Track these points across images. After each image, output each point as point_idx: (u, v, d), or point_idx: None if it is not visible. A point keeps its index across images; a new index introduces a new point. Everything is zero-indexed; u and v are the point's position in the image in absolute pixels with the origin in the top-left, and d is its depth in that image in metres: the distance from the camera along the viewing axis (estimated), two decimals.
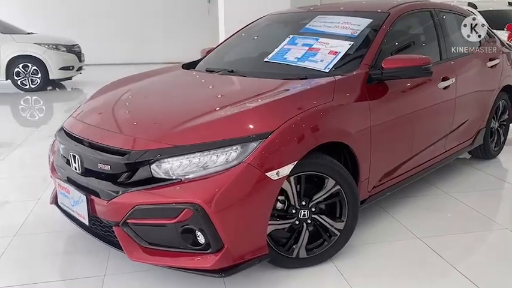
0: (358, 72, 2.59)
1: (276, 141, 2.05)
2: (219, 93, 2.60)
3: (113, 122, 2.36)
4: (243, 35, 3.58)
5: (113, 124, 2.33)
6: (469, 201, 3.22)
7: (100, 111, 2.55)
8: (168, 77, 2.98)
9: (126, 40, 13.40)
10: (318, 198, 2.31)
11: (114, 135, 2.20)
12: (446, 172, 3.78)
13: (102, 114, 2.51)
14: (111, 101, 2.66)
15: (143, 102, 2.51)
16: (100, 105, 2.64)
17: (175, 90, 2.70)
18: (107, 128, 2.30)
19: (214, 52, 3.54)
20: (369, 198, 2.71)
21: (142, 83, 2.92)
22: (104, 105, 2.64)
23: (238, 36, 3.60)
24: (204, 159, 1.99)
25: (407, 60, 2.62)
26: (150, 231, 2.05)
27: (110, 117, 2.43)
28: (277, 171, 2.04)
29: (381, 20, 2.91)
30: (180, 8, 13.69)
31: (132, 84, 2.92)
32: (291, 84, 2.48)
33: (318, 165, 2.27)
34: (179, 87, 2.77)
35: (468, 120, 3.62)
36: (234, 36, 3.64)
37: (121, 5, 13.40)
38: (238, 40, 3.55)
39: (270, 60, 2.91)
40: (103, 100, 2.74)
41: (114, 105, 2.57)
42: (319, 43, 2.88)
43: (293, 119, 2.12)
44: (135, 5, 13.51)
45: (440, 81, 3.12)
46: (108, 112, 2.51)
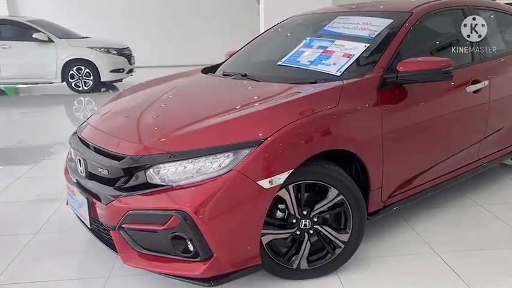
0: (370, 75, 2.46)
1: (270, 149, 1.98)
2: (223, 98, 2.57)
3: (116, 127, 2.40)
4: (265, 38, 3.53)
5: (115, 129, 2.37)
6: (504, 215, 2.97)
7: (108, 117, 2.61)
8: (182, 82, 2.99)
9: (175, 42, 13.72)
10: (319, 208, 2.22)
11: (114, 140, 2.24)
12: (482, 181, 3.52)
13: (109, 119, 2.57)
14: (120, 106, 2.72)
15: (149, 108, 2.53)
16: (110, 111, 2.70)
17: (184, 95, 2.71)
18: (110, 132, 2.34)
19: (235, 55, 3.52)
20: (385, 208, 2.57)
21: (156, 88, 2.95)
22: (114, 110, 2.70)
23: (260, 39, 3.55)
24: (197, 165, 1.97)
25: (425, 62, 2.45)
26: (144, 236, 2.06)
27: (115, 123, 2.48)
28: (270, 180, 1.98)
29: (402, 21, 2.75)
30: (228, 9, 13.77)
31: (146, 89, 2.97)
32: (296, 88, 2.40)
33: (319, 173, 2.18)
34: (189, 92, 2.77)
35: (507, 126, 3.33)
36: (256, 39, 3.59)
37: (170, 7, 13.73)
38: (259, 43, 3.51)
39: (283, 64, 2.84)
40: (115, 105, 2.80)
41: (121, 111, 2.62)
42: (334, 45, 2.78)
43: (290, 126, 2.04)
44: (184, 6, 13.79)
45: (470, 85, 2.89)
46: (114, 117, 2.56)
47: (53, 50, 8.85)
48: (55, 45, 8.87)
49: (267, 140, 1.98)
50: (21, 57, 8.79)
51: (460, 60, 2.98)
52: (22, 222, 3.09)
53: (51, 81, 9.07)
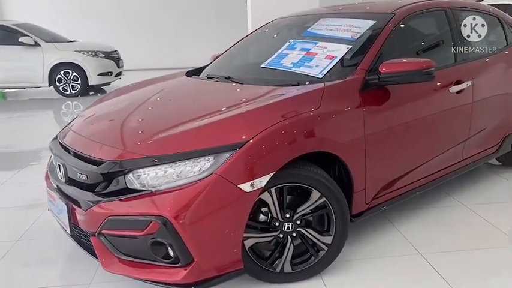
0: (352, 77, 2.46)
1: (251, 152, 1.97)
2: (205, 101, 2.54)
3: (95, 132, 2.37)
4: (250, 40, 3.52)
5: (95, 134, 2.34)
6: (487, 214, 2.98)
7: (88, 121, 2.58)
8: (165, 85, 2.97)
9: (165, 44, 13.63)
10: (302, 211, 2.21)
11: (94, 145, 2.21)
12: (468, 181, 3.53)
13: (89, 124, 2.54)
14: (100, 111, 2.69)
15: (129, 112, 2.51)
16: (90, 115, 2.67)
17: (166, 98, 2.68)
18: (89, 137, 2.31)
19: (220, 57, 3.50)
20: (369, 210, 2.56)
21: (138, 92, 2.92)
22: (94, 114, 2.67)
23: (244, 41, 3.54)
24: (177, 170, 1.95)
25: (406, 64, 2.45)
26: (124, 242, 2.04)
27: (94, 127, 2.46)
28: (251, 183, 1.96)
29: (385, 22, 2.75)
30: (218, 10, 13.67)
31: (128, 93, 2.94)
32: (279, 91, 2.39)
33: (301, 176, 2.17)
34: (171, 95, 2.74)
35: (491, 126, 3.35)
36: (241, 41, 3.58)
37: (160, 9, 13.66)
38: (243, 45, 3.49)
39: (266, 66, 2.83)
40: (95, 110, 2.77)
41: (101, 115, 2.60)
42: (317, 47, 2.77)
43: (271, 129, 2.03)
44: (174, 8, 13.71)
45: (453, 85, 2.90)
46: (94, 122, 2.54)
47: (40, 53, 8.77)
48: (42, 49, 8.79)
49: (248, 143, 1.97)
50: (7, 61, 8.69)
51: (443, 61, 2.99)
52: (3, 228, 3.04)
53: (38, 86, 8.99)
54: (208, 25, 13.71)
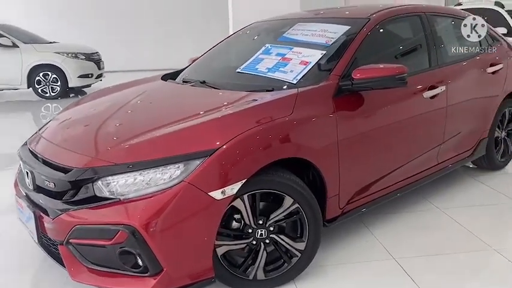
0: (326, 83, 2.46)
1: (222, 159, 1.95)
2: (178, 107, 2.52)
3: (64, 139, 2.33)
4: (227, 44, 3.50)
5: (64, 140, 2.30)
6: (461, 218, 3.01)
7: (58, 128, 2.53)
8: (139, 90, 2.93)
9: (149, 46, 13.53)
10: (275, 217, 2.20)
11: (62, 151, 2.18)
12: (444, 184, 3.57)
13: (58, 130, 2.49)
14: (71, 117, 2.64)
15: (100, 118, 2.47)
16: (60, 121, 2.62)
17: (138, 103, 2.64)
18: (58, 144, 2.27)
19: (197, 61, 3.48)
20: (343, 215, 2.56)
21: (111, 96, 2.88)
22: (63, 121, 2.62)
23: (222, 45, 3.52)
24: (146, 177, 1.92)
25: (379, 69, 2.46)
26: (93, 251, 2.00)
27: (64, 134, 2.41)
28: (222, 191, 1.94)
29: (359, 27, 2.76)
30: (202, 11, 13.59)
31: (101, 98, 2.90)
32: (252, 96, 2.38)
33: (274, 182, 2.16)
34: (144, 100, 2.70)
35: (465, 130, 3.39)
36: (218, 45, 3.56)
37: (144, 10, 13.56)
38: (220, 49, 3.47)
39: (242, 71, 2.82)
40: (65, 115, 2.71)
41: (71, 121, 2.55)
42: (292, 53, 2.77)
43: (242, 135, 2.02)
44: (158, 9, 13.63)
45: (427, 90, 2.92)
46: (64, 128, 2.49)
47: (18, 55, 8.62)
48: (20, 50, 8.63)
49: (218, 150, 1.95)
50: None
51: (417, 66, 3.03)
52: None
53: (17, 88, 8.84)
54: (193, 26, 13.64)
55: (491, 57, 3.60)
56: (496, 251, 2.58)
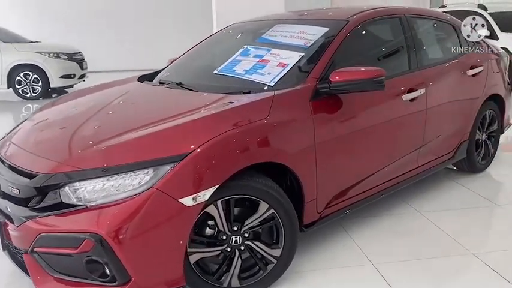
0: (303, 86, 2.41)
1: (193, 164, 1.89)
2: (151, 109, 2.45)
3: (32, 143, 2.25)
4: (206, 44, 3.44)
5: (31, 145, 2.22)
6: (441, 221, 2.99)
7: (25, 131, 2.45)
8: (114, 92, 2.86)
9: (133, 45, 13.36)
10: (250, 223, 2.15)
11: (29, 156, 2.10)
12: (424, 187, 3.55)
13: (26, 134, 2.41)
14: (41, 120, 2.55)
15: (69, 122, 2.39)
16: (28, 125, 2.53)
17: (110, 106, 2.56)
18: (25, 148, 2.19)
19: (175, 62, 3.41)
20: (321, 219, 2.52)
21: (83, 99, 2.80)
22: (32, 124, 2.53)
23: (200, 46, 3.46)
24: (114, 183, 1.85)
25: (356, 72, 2.42)
26: (59, 260, 1.92)
27: (32, 138, 2.33)
28: (193, 197, 1.88)
29: (338, 29, 2.73)
30: (187, 10, 13.44)
31: (73, 100, 2.82)
32: (228, 99, 2.32)
33: (249, 187, 2.11)
34: (117, 102, 2.62)
35: (446, 133, 3.38)
36: (197, 46, 3.50)
37: (128, 9, 13.39)
38: (199, 50, 3.41)
39: (219, 73, 2.76)
40: (35, 118, 2.63)
41: (40, 125, 2.47)
42: (270, 54, 2.72)
43: (214, 140, 1.96)
44: (143, 8, 13.46)
45: (406, 93, 2.90)
46: (31, 132, 2.40)
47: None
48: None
49: (189, 155, 1.89)
50: None
51: (397, 69, 3.00)
52: None
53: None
54: (177, 26, 13.49)
55: (471, 60, 3.59)
56: (474, 256, 2.56)
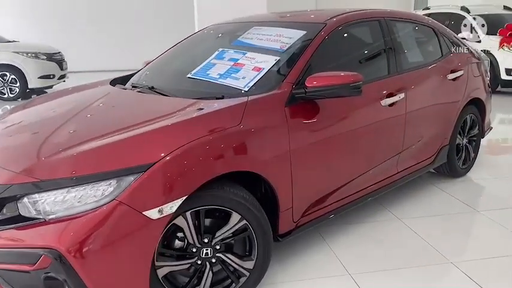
0: (278, 91, 2.33)
1: (158, 175, 1.80)
2: (120, 116, 2.33)
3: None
4: (181, 47, 3.34)
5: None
6: (420, 228, 2.94)
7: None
8: (83, 96, 2.74)
9: (116, 45, 13.13)
10: (221, 235, 2.06)
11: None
12: (405, 192, 3.50)
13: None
14: (4, 126, 2.43)
15: (33, 128, 2.27)
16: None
17: (77, 112, 2.43)
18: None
19: (150, 64, 3.30)
20: (297, 228, 2.45)
21: (51, 103, 2.68)
22: None
23: (176, 48, 3.36)
24: (75, 195, 1.75)
25: (332, 77, 2.35)
26: (18, 277, 1.80)
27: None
28: (159, 209, 1.79)
29: (315, 33, 2.66)
30: (172, 10, 13.27)
31: (41, 104, 2.70)
32: (199, 105, 2.23)
33: (219, 198, 2.02)
34: (83, 108, 2.49)
35: (426, 137, 3.34)
36: (173, 48, 3.39)
37: (111, 8, 13.17)
38: (175, 52, 3.30)
39: (193, 76, 2.67)
40: (3, 123, 2.50)
41: (7, 130, 2.34)
42: (245, 58, 2.64)
43: (182, 149, 1.86)
44: (126, 8, 13.26)
45: (385, 98, 2.84)
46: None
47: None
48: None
49: (155, 165, 1.79)
50: None
51: (375, 73, 2.94)
52: None
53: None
54: (160, 25, 13.29)
55: (452, 64, 3.55)
56: (452, 264, 2.51)
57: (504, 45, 8.16)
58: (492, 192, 3.65)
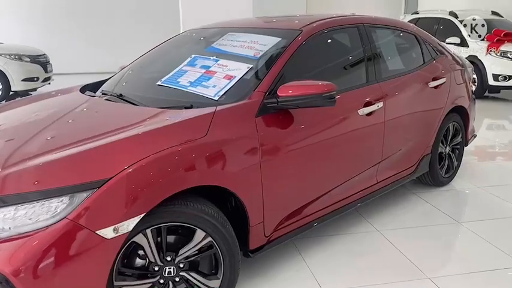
0: (248, 101, 2.24)
1: (114, 191, 1.70)
2: (78, 127, 2.20)
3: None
4: (156, 52, 3.23)
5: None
6: (400, 241, 2.86)
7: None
8: (49, 104, 2.63)
9: (105, 46, 12.95)
10: (185, 253, 1.96)
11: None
12: (385, 203, 3.42)
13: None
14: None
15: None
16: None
17: (37, 122, 2.31)
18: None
19: (123, 70, 3.19)
20: (270, 243, 2.35)
21: (13, 111, 2.57)
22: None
23: (151, 53, 3.25)
24: (25, 213, 1.64)
25: (305, 87, 2.25)
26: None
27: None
28: (114, 228, 1.69)
29: (290, 40, 2.57)
30: (161, 11, 13.12)
31: (4, 112, 2.58)
32: (164, 115, 2.13)
33: (182, 214, 1.92)
34: (45, 117, 2.37)
35: (406, 147, 3.26)
36: (148, 53, 3.29)
37: (99, 8, 13.01)
38: (148, 57, 3.20)
39: (162, 84, 2.57)
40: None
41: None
42: (217, 65, 2.54)
43: (140, 163, 1.76)
44: (115, 8, 13.10)
45: (362, 107, 2.75)
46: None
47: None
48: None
49: (110, 181, 1.69)
50: None
51: (353, 82, 2.86)
52: None
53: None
54: (147, 27, 13.13)
55: (434, 71, 3.48)
56: (430, 280, 2.42)
57: (491, 50, 8.15)
58: (475, 202, 3.58)
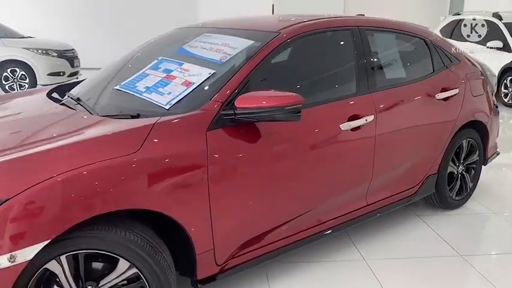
0: (200, 111, 1.98)
1: (12, 213, 1.49)
2: (9, 137, 1.99)
3: None
4: (133, 52, 3.01)
5: None
6: (385, 273, 2.52)
7: None
8: (9, 107, 2.47)
9: (130, 41, 12.98)
10: (107, 284, 1.73)
11: None
12: (380, 225, 3.06)
13: None
14: None
15: None
16: None
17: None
18: None
19: (100, 70, 3.00)
20: (224, 272, 2.09)
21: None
22: None
23: (130, 53, 3.04)
24: None
25: (265, 98, 1.96)
26: None
27: None
28: (10, 256, 1.48)
29: (263, 43, 2.28)
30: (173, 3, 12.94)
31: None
32: (100, 125, 1.91)
33: (102, 241, 1.69)
34: None
35: (405, 165, 2.89)
36: (129, 52, 3.08)
37: (126, 7, 13.05)
38: (124, 58, 2.98)
39: (120, 89, 2.35)
40: None
41: None
42: (180, 70, 2.30)
43: (46, 183, 1.54)
44: (140, 7, 13.10)
45: (346, 121, 2.42)
46: None
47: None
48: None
49: (5, 203, 1.48)
50: None
51: (336, 93, 2.54)
52: None
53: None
54: (167, 20, 13.00)
55: (444, 81, 3.07)
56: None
57: None
58: (486, 231, 3.16)
